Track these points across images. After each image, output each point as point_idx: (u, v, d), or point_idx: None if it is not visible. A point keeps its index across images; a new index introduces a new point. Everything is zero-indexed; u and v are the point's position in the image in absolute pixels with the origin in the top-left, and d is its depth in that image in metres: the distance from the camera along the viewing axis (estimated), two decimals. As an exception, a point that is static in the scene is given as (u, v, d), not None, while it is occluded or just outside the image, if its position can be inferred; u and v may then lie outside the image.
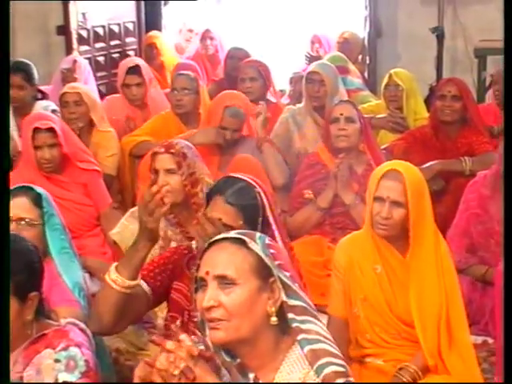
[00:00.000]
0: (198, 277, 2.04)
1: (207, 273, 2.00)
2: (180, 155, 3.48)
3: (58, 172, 4.28)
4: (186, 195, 3.43)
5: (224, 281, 1.99)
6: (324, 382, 1.98)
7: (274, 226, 2.72)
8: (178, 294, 2.82)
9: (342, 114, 4.24)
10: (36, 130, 4.16)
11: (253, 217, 2.70)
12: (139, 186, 2.97)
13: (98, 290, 2.67)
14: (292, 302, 2.04)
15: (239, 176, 2.81)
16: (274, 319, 2.01)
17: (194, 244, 2.86)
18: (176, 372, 1.89)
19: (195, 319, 2.72)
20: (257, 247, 2.04)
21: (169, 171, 3.46)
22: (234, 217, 2.69)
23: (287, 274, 2.06)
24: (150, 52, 7.17)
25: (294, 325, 2.02)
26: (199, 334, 2.60)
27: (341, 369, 2.00)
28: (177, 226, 3.49)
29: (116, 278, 2.47)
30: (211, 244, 2.06)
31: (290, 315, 2.03)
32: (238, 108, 4.68)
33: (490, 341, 3.49)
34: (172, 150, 3.48)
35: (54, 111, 5.13)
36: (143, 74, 5.61)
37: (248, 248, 2.03)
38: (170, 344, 1.93)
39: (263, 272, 2.02)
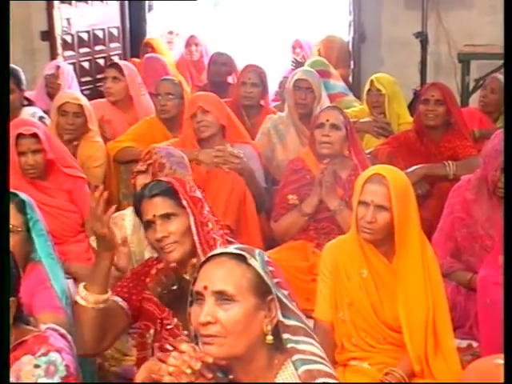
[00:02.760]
0: (194, 290, 2.02)
1: (205, 287, 1.98)
2: (156, 166, 3.50)
3: (43, 178, 4.26)
4: None
5: (222, 297, 1.96)
6: (324, 382, 1.99)
7: (185, 203, 2.75)
8: (149, 303, 2.81)
9: (327, 120, 4.23)
10: (19, 135, 4.14)
11: (176, 198, 2.75)
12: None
13: (74, 313, 2.67)
14: (288, 322, 2.02)
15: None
16: (269, 338, 2.00)
17: None
18: (188, 371, 1.89)
19: (168, 327, 2.75)
20: (256, 264, 2.02)
21: None
22: (163, 204, 2.74)
23: (285, 292, 2.05)
24: (146, 51, 7.15)
25: (290, 345, 2.01)
26: (171, 339, 2.62)
27: None
28: None
29: (85, 295, 2.48)
30: (209, 258, 2.04)
31: (286, 335, 2.01)
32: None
33: (475, 344, 3.50)
34: (149, 161, 3.52)
35: (41, 118, 5.11)
36: (123, 70, 5.59)
37: (247, 264, 2.01)
38: (184, 346, 1.94)
39: (261, 289, 2.00)
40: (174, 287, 2.64)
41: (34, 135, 4.15)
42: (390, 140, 4.99)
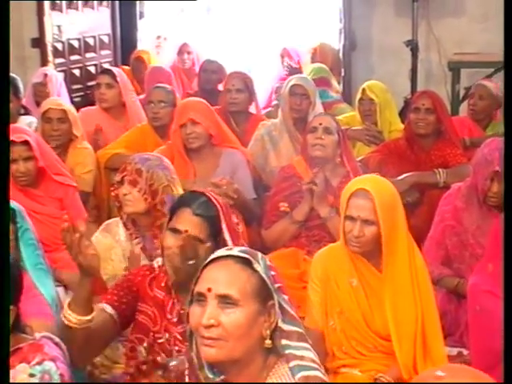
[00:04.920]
0: (195, 291, 2.02)
1: (209, 289, 1.98)
2: (133, 173, 3.48)
3: (34, 186, 4.24)
4: (149, 207, 3.47)
5: (226, 300, 1.97)
6: (323, 383, 2.00)
7: (227, 237, 2.74)
8: (142, 315, 2.81)
9: (320, 124, 4.25)
10: (11, 143, 4.13)
11: (215, 228, 2.74)
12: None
13: (60, 327, 2.64)
14: (287, 328, 2.03)
15: (202, 191, 2.87)
16: (268, 342, 2.01)
17: (156, 263, 2.86)
18: None
19: (160, 341, 2.75)
20: (260, 268, 2.03)
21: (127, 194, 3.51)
22: (200, 228, 2.72)
23: (286, 297, 2.06)
24: (137, 66, 7.15)
25: (288, 351, 2.02)
26: (164, 355, 2.61)
27: None
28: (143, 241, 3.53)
29: (69, 316, 2.46)
30: (214, 260, 2.04)
31: (284, 341, 2.02)
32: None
33: (465, 352, 3.49)
34: (125, 173, 3.50)
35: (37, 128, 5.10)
36: (116, 77, 5.58)
37: (252, 269, 2.02)
38: None
39: (263, 294, 2.01)
40: (191, 262, 2.63)
41: (26, 143, 4.14)
42: (380, 147, 5.00)
